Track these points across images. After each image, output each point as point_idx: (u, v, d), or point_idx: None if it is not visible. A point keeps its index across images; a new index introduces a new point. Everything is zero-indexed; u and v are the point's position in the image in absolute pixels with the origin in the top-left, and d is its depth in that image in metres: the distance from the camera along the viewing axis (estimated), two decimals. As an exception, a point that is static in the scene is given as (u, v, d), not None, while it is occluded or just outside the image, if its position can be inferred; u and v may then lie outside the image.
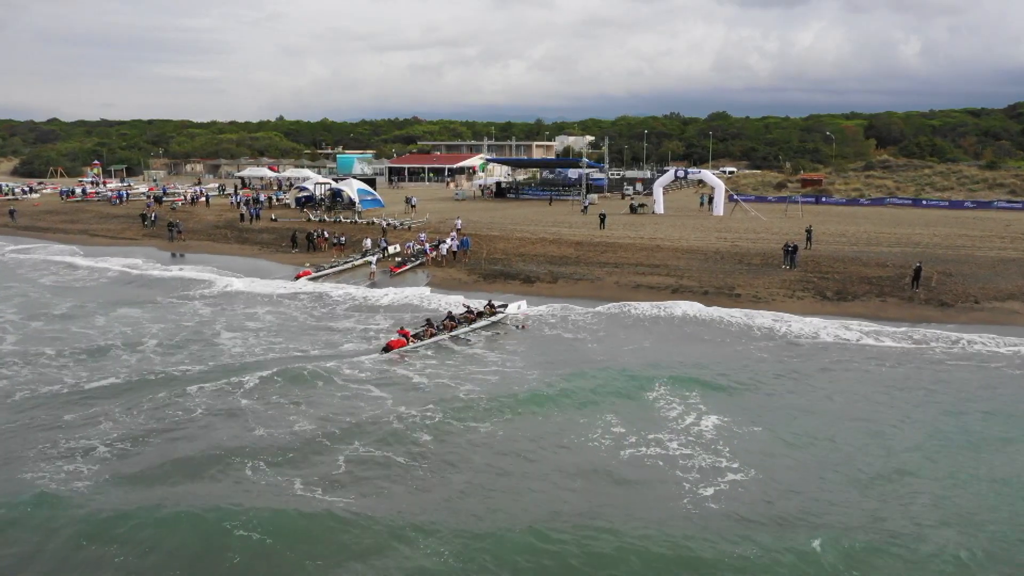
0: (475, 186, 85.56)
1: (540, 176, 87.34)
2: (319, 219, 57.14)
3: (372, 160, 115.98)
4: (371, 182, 74.79)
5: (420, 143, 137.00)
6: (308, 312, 31.48)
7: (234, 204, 67.03)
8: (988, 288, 33.05)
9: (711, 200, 62.66)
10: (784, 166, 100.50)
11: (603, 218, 52.48)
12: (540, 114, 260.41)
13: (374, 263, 40.28)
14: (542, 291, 34.89)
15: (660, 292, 33.76)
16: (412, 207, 62.10)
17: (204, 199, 72.03)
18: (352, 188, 63.83)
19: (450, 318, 28.20)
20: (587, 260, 40.49)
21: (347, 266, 41.31)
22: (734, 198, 63.55)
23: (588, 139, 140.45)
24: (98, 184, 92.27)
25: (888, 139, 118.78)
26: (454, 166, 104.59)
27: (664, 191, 64.83)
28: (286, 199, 69.49)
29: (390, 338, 26.02)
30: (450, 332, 27.35)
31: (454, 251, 41.84)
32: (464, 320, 28.44)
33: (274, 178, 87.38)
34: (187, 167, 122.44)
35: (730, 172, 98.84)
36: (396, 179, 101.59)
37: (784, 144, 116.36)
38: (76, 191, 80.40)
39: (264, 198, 70.22)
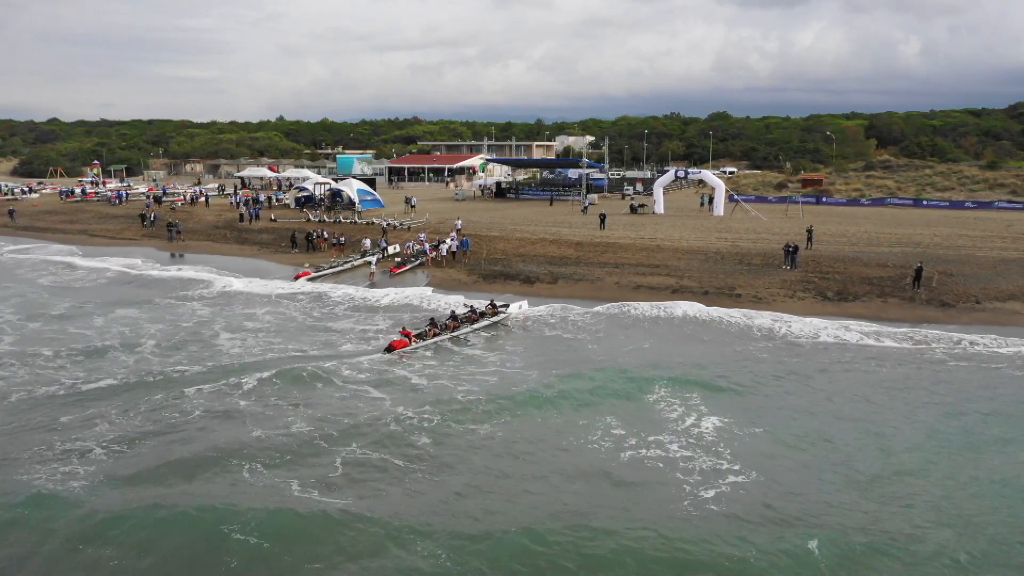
0: (475, 186, 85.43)
1: (540, 176, 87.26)
2: (319, 219, 57.04)
3: (372, 160, 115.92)
4: (371, 182, 74.65)
5: (420, 143, 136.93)
6: (307, 313, 31.38)
7: (233, 204, 66.91)
8: (989, 288, 32.96)
9: (711, 200, 62.54)
10: (784, 166, 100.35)
11: (603, 218, 52.39)
12: (540, 114, 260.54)
13: (374, 263, 40.19)
14: (542, 291, 34.79)
15: (660, 292, 33.67)
16: (412, 207, 62.00)
17: (204, 199, 71.93)
18: (352, 188, 63.77)
19: (453, 318, 28.12)
20: (587, 260, 40.40)
21: (346, 266, 41.21)
22: (734, 198, 63.44)
23: (588, 139, 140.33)
24: (97, 184, 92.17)
25: (888, 139, 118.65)
26: (454, 166, 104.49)
27: (664, 191, 64.71)
28: (285, 199, 69.37)
29: (392, 338, 25.93)
30: (453, 332, 27.27)
31: (453, 251, 41.74)
32: (466, 320, 28.36)
33: (274, 178, 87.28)
34: (187, 167, 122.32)
35: (730, 172, 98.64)
36: (396, 179, 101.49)
37: (784, 144, 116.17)
38: (75, 191, 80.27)
39: (264, 198, 70.12)
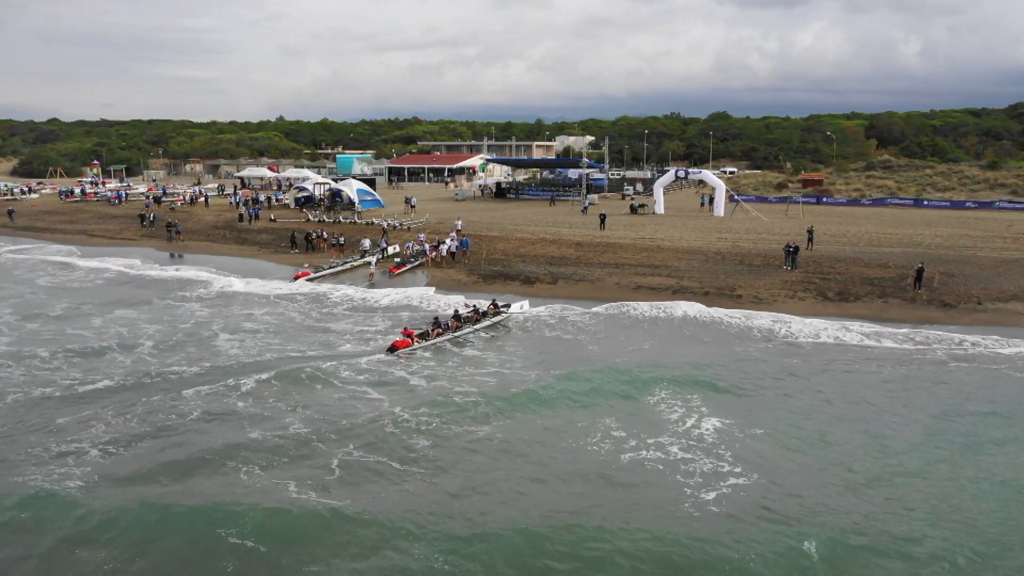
0: (475, 186, 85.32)
1: (540, 176, 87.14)
2: (318, 219, 56.95)
3: (372, 160, 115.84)
4: (371, 182, 74.57)
5: (420, 143, 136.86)
6: (306, 313, 31.26)
7: (233, 204, 66.83)
8: (991, 289, 32.84)
9: (712, 200, 62.42)
10: (785, 166, 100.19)
11: (603, 218, 52.28)
12: (540, 114, 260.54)
13: (373, 264, 40.08)
14: (542, 292, 34.67)
15: (661, 293, 33.55)
16: (412, 207, 61.90)
17: (203, 199, 71.83)
18: (351, 188, 63.68)
19: (456, 318, 28.02)
20: (587, 261, 40.28)
21: (346, 267, 41.09)
22: (735, 198, 63.33)
23: (588, 139, 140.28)
24: (97, 184, 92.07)
25: (889, 139, 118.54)
26: (454, 166, 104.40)
27: (664, 191, 64.60)
28: (285, 199, 69.28)
29: (395, 339, 25.78)
30: (455, 332, 27.16)
31: (452, 252, 41.62)
32: (468, 320, 28.26)
33: (273, 178, 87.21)
34: (187, 167, 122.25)
35: (731, 172, 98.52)
36: (396, 179, 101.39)
37: (785, 144, 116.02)
38: (75, 191, 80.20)
39: (263, 198, 70.00)
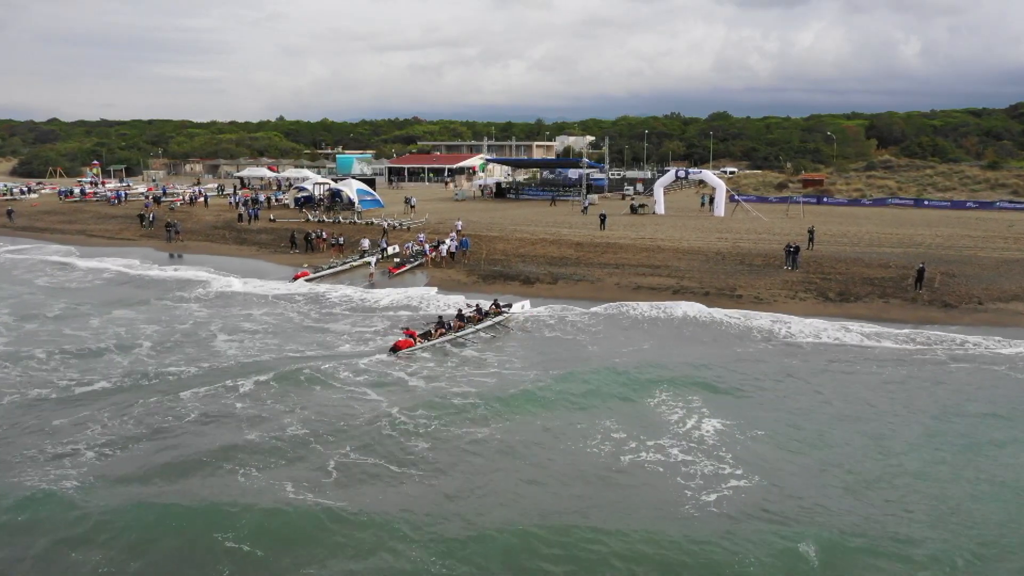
0: (475, 186, 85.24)
1: (540, 176, 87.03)
2: (318, 220, 56.86)
3: (372, 160, 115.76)
4: (370, 182, 74.48)
5: (420, 143, 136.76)
6: (305, 314, 31.14)
7: (232, 204, 66.73)
8: (992, 289, 32.73)
9: (712, 200, 62.33)
10: (785, 166, 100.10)
11: (603, 219, 52.18)
12: (540, 114, 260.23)
13: (373, 264, 39.97)
14: (542, 292, 34.56)
15: (661, 293, 33.44)
16: (411, 207, 61.80)
17: (203, 199, 71.73)
18: (351, 188, 63.60)
19: (460, 317, 27.93)
20: (587, 261, 40.18)
21: (345, 267, 40.98)
22: (735, 198, 63.23)
23: (588, 139, 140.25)
24: (97, 184, 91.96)
25: (889, 139, 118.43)
26: (454, 166, 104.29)
27: (665, 191, 64.50)
28: (285, 199, 69.19)
29: (397, 339, 25.66)
30: (457, 332, 27.07)
31: (452, 252, 41.50)
32: (471, 320, 28.16)
33: (273, 178, 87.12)
34: (186, 167, 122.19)
35: (731, 172, 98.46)
36: (396, 179, 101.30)
37: (785, 144, 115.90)
38: (74, 191, 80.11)
39: (263, 198, 69.89)
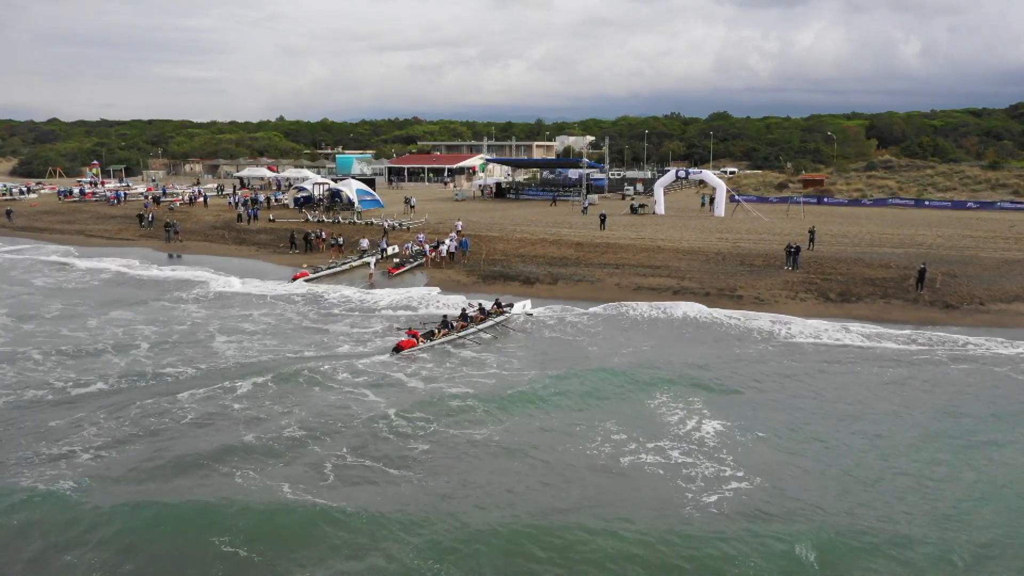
0: (475, 186, 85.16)
1: (540, 176, 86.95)
2: (317, 220, 56.76)
3: (371, 160, 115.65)
4: (370, 182, 74.39)
5: (420, 143, 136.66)
6: (304, 314, 31.04)
7: (232, 204, 66.62)
8: (993, 289, 32.62)
9: (712, 201, 62.25)
10: (785, 166, 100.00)
11: (603, 219, 52.09)
12: (540, 114, 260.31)
13: (372, 264, 39.87)
14: (542, 292, 34.46)
15: (661, 293, 33.34)
16: (411, 207, 61.70)
17: (202, 199, 71.63)
18: (351, 188, 63.50)
19: (463, 317, 27.83)
20: (587, 261, 40.08)
21: (345, 267, 40.89)
22: (735, 199, 63.14)
23: (588, 139, 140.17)
24: (96, 184, 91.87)
25: (890, 139, 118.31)
26: (454, 166, 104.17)
27: (665, 191, 64.41)
28: (284, 199, 69.09)
29: (399, 339, 25.55)
30: (461, 332, 26.97)
31: (451, 252, 41.40)
32: (474, 320, 28.08)
33: (273, 178, 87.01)
34: (186, 167, 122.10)
35: (731, 172, 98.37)
36: (395, 179, 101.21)
37: (785, 144, 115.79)
38: (74, 191, 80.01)
39: (263, 198, 69.79)
